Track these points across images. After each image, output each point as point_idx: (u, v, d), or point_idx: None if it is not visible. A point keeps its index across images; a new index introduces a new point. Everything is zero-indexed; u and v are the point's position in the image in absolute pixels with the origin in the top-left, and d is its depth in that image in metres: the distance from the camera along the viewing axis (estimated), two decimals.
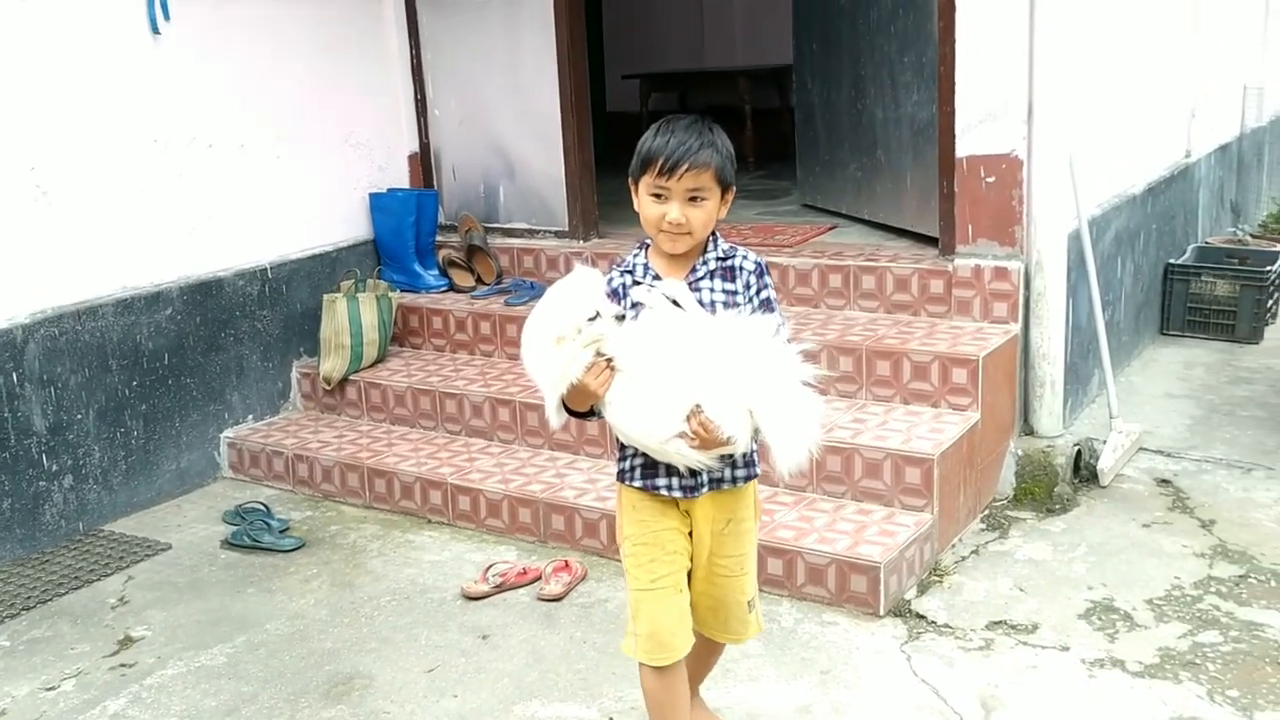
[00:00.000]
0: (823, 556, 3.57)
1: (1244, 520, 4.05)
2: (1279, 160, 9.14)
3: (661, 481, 2.49)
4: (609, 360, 2.32)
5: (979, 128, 4.28)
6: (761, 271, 2.49)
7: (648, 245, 2.50)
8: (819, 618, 3.53)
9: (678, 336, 2.32)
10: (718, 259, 2.47)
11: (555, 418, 2.42)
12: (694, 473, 2.45)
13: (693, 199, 2.36)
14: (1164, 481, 4.39)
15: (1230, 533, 3.96)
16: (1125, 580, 3.69)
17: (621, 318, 2.33)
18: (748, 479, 2.55)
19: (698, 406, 2.29)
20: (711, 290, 2.44)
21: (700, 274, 2.45)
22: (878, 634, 3.43)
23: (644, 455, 2.45)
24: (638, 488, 2.51)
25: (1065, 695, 3.09)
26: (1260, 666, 3.18)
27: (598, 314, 2.29)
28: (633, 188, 2.44)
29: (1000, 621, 3.48)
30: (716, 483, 2.50)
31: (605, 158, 5.75)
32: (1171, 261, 6.30)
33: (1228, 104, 7.53)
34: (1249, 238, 7.19)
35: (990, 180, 4.29)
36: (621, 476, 2.55)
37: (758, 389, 2.30)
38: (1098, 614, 3.49)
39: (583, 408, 2.40)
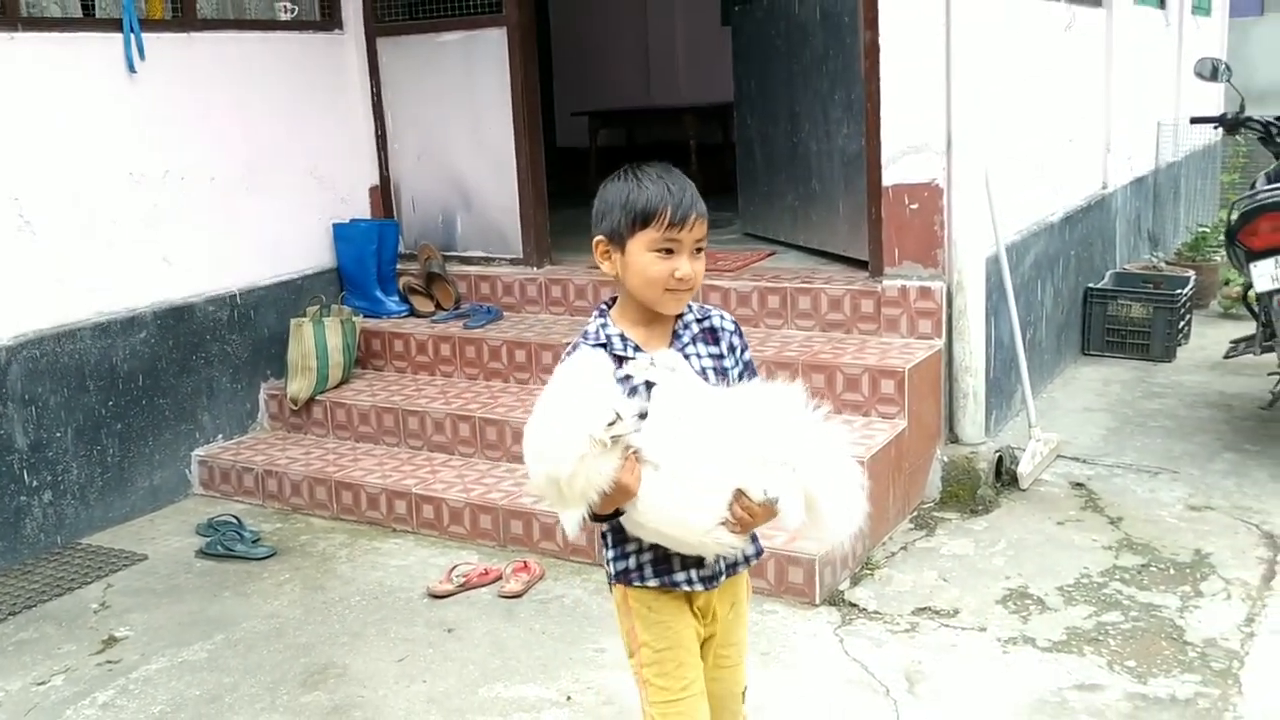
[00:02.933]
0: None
1: (1149, 517, 4.41)
2: (1196, 192, 9.65)
3: (680, 576, 2.20)
4: (635, 452, 2.03)
5: (903, 159, 4.65)
6: (739, 330, 2.28)
7: (606, 309, 2.25)
8: (760, 607, 3.83)
9: (704, 415, 2.07)
10: (696, 320, 2.23)
11: (574, 528, 2.07)
12: (702, 560, 2.20)
13: (697, 250, 2.15)
14: (1078, 485, 4.75)
15: (1136, 528, 4.32)
16: (1039, 571, 4.02)
17: (644, 415, 2.03)
18: (758, 555, 2.30)
19: (739, 490, 2.04)
20: (699, 357, 2.19)
21: (685, 340, 2.20)
22: (813, 620, 3.74)
23: (653, 549, 2.18)
24: (653, 587, 2.21)
25: (981, 668, 3.42)
26: (1156, 641, 3.52)
27: (618, 417, 1.98)
28: (608, 248, 2.17)
29: (925, 608, 3.80)
30: (732, 567, 2.25)
31: (556, 191, 6.07)
32: (1091, 285, 6.71)
33: (1143, 140, 8.01)
34: (1164, 264, 7.63)
35: (914, 207, 4.66)
36: (625, 577, 2.23)
37: (809, 461, 2.08)
38: (1013, 600, 3.82)
39: (609, 510, 2.07)
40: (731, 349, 2.24)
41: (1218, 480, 4.73)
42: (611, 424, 1.96)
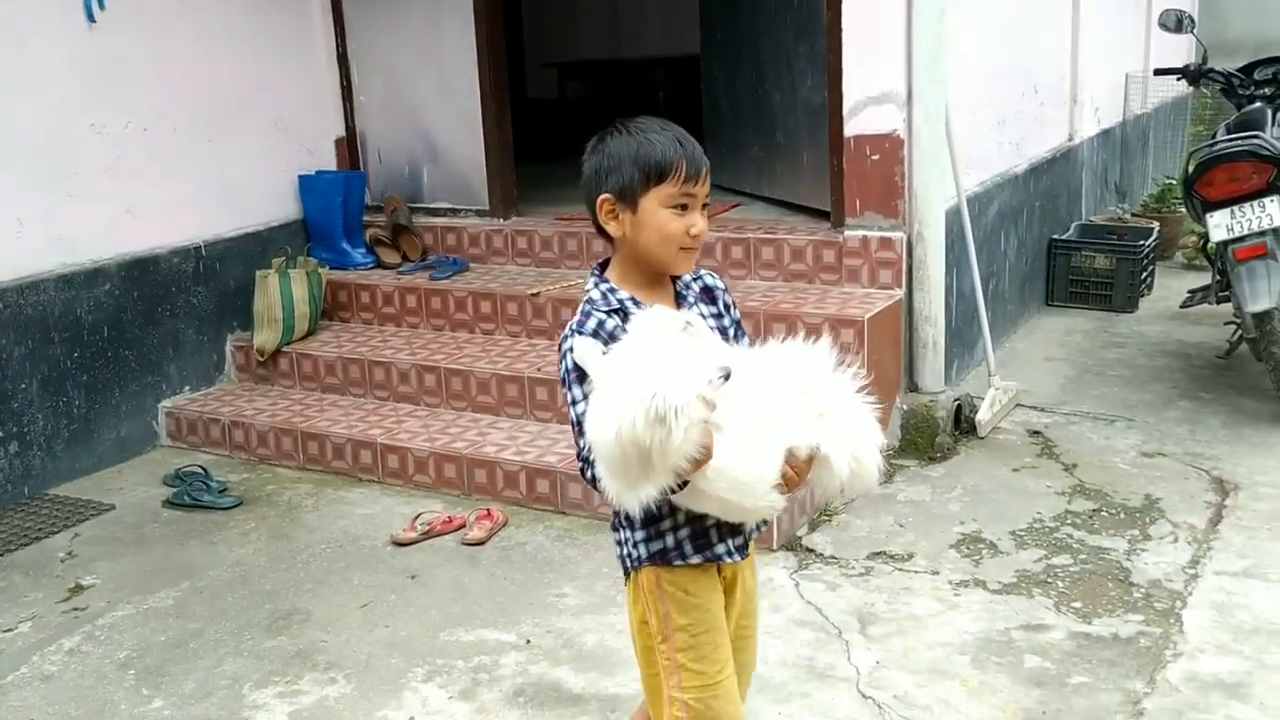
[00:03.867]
0: None
1: (1102, 464, 4.50)
2: (1165, 144, 9.69)
3: (721, 548, 2.14)
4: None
5: (864, 110, 4.68)
6: (727, 288, 2.25)
7: (601, 273, 2.14)
8: None
9: (750, 375, 1.98)
10: (694, 279, 2.19)
11: (640, 506, 1.91)
12: (738, 529, 2.16)
13: (705, 206, 2.09)
14: (1035, 432, 4.83)
15: (1089, 474, 4.40)
16: (994, 516, 4.10)
17: (728, 375, 1.89)
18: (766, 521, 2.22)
19: (788, 449, 2.00)
20: (704, 318, 2.08)
21: (690, 301, 2.15)
22: (771, 565, 3.81)
23: (690, 524, 2.10)
24: (695, 564, 2.12)
25: (931, 610, 3.49)
26: (1103, 583, 3.61)
27: (724, 373, 1.88)
28: (615, 207, 2.06)
29: (880, 552, 3.87)
30: (753, 532, 2.21)
31: (525, 143, 6.07)
32: (1055, 237, 6.77)
33: (1111, 92, 8.04)
34: (1129, 216, 7.70)
35: (875, 158, 4.69)
36: (662, 558, 2.11)
37: (846, 415, 2.06)
38: (967, 544, 3.90)
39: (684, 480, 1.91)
40: (726, 307, 2.21)
41: (1171, 427, 4.81)
42: (718, 380, 1.86)
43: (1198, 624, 3.34)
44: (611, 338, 2.00)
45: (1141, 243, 6.68)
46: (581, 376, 1.99)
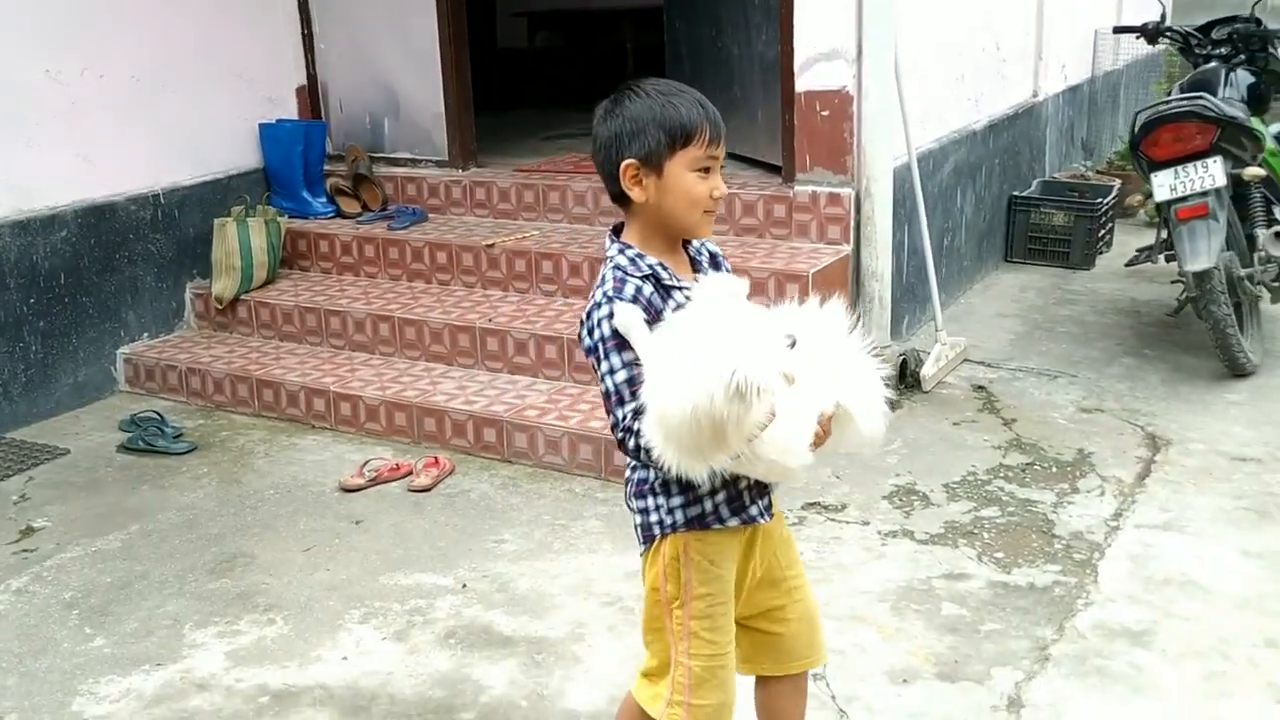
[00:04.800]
0: None
1: (1041, 419, 4.59)
2: (1136, 101, 9.70)
3: (754, 510, 2.14)
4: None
5: (815, 66, 4.71)
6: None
7: (620, 239, 2.11)
8: None
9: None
10: (702, 245, 2.20)
11: (706, 475, 1.91)
12: (765, 489, 2.17)
13: (722, 167, 2.11)
14: (980, 388, 4.91)
15: (1027, 429, 4.49)
16: (929, 469, 4.19)
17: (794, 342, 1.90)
18: None
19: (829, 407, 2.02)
20: None
21: (705, 266, 2.17)
22: None
23: (726, 488, 2.09)
24: (733, 527, 2.12)
25: (859, 558, 3.59)
26: (1027, 535, 3.71)
27: (794, 342, 1.89)
28: (639, 172, 2.03)
29: (815, 503, 3.96)
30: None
31: (494, 92, 6.07)
32: (1015, 194, 6.82)
33: (1080, 48, 8.06)
34: (1093, 173, 7.75)
35: (825, 114, 4.73)
36: (699, 523, 2.10)
37: (866, 372, 2.10)
38: (900, 496, 3.99)
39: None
40: (727, 273, 2.19)
41: (1112, 384, 4.90)
42: (793, 346, 1.87)
43: (1112, 574, 3.44)
44: (649, 304, 1.99)
45: (1099, 200, 6.73)
46: (620, 344, 1.97)
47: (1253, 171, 4.73)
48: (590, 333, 2.02)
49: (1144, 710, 2.83)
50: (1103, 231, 6.80)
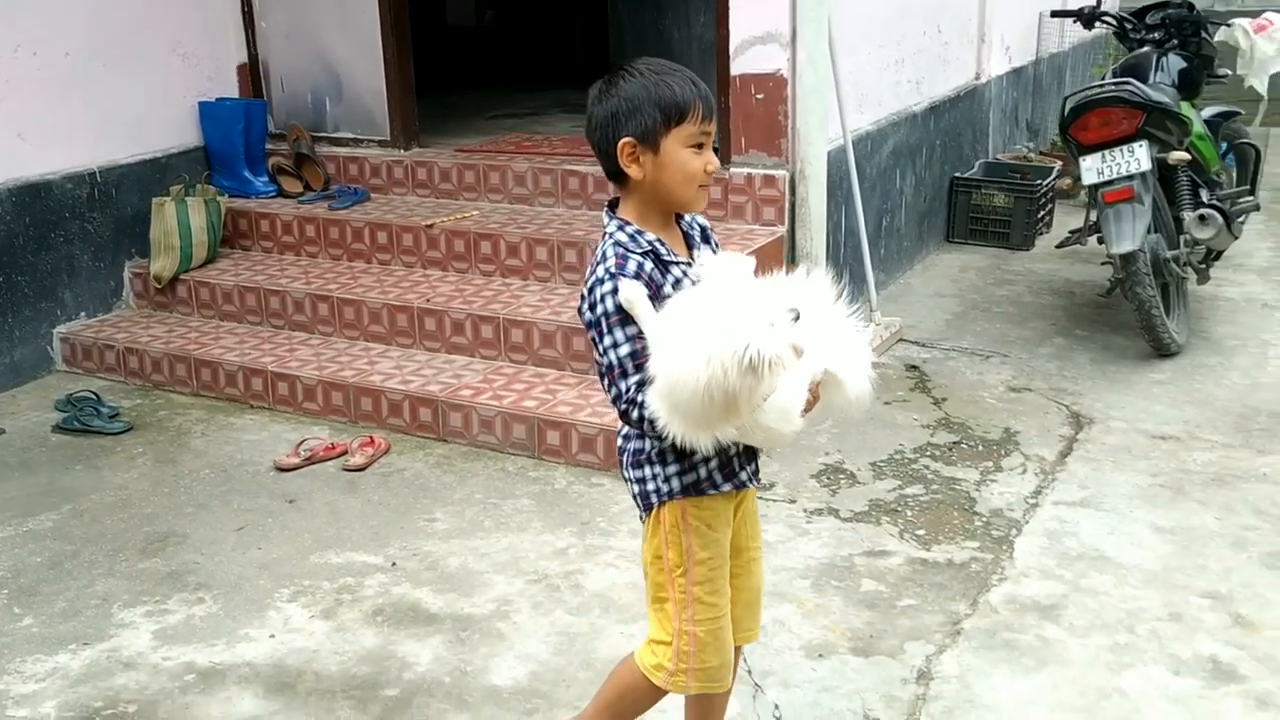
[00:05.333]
0: (593, 428, 4.07)
1: (971, 398, 4.67)
2: (1081, 82, 9.81)
3: (743, 475, 2.23)
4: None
5: (750, 49, 4.76)
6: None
7: (614, 208, 2.17)
8: (589, 480, 4.04)
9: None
10: (693, 219, 2.25)
11: (711, 443, 2.01)
12: (753, 455, 2.26)
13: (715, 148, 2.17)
14: (913, 367, 4.99)
15: (956, 408, 4.58)
16: (858, 447, 4.26)
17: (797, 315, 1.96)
18: None
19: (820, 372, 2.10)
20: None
21: (697, 240, 2.23)
22: None
23: (719, 454, 2.15)
24: (726, 491, 2.21)
25: (784, 536, 3.66)
26: (949, 512, 3.79)
27: (797, 315, 1.95)
28: (636, 149, 2.07)
29: None
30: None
31: (442, 71, 6.06)
32: (957, 175, 6.90)
33: (1025, 31, 8.14)
34: (1036, 155, 7.84)
35: (760, 97, 4.78)
36: (695, 489, 2.18)
37: (853, 338, 2.20)
38: (827, 474, 4.07)
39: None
40: (715, 246, 2.26)
41: (1042, 363, 4.99)
42: (796, 320, 1.93)
43: (1027, 550, 3.53)
44: (650, 280, 2.05)
45: (1039, 182, 6.82)
46: (623, 319, 2.04)
47: (1177, 156, 4.82)
48: (592, 308, 2.08)
49: (1048, 681, 2.92)
50: (1042, 212, 6.89)
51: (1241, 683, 2.88)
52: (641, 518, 2.28)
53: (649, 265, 2.07)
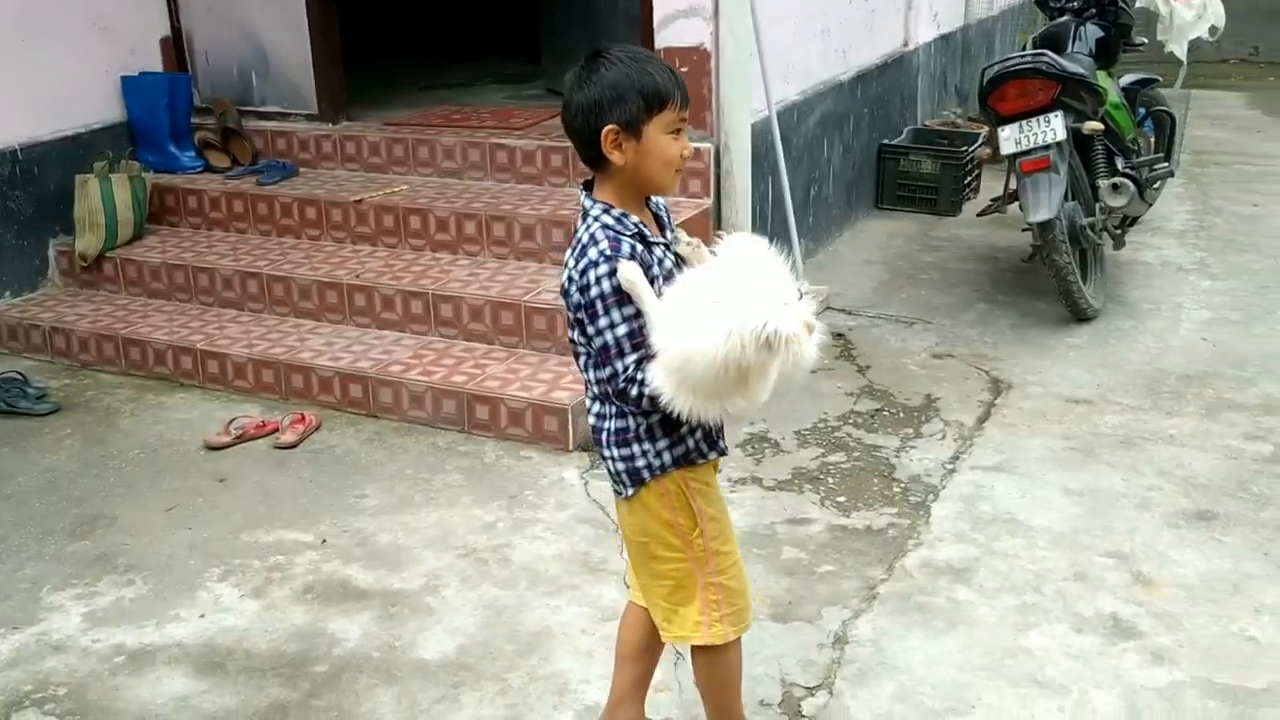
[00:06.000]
0: (521, 401, 4.13)
1: (894, 365, 4.78)
2: (1011, 47, 9.94)
3: (722, 444, 2.37)
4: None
5: (674, 23, 4.79)
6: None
7: (588, 191, 2.25)
8: (517, 454, 4.10)
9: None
10: (658, 201, 2.33)
11: (718, 416, 2.13)
12: (722, 428, 2.36)
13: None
14: (839, 335, 5.08)
15: (879, 376, 4.68)
16: (784, 417, 4.35)
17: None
18: None
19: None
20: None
21: (665, 220, 2.32)
22: (565, 465, 4.02)
23: (701, 427, 2.26)
24: (713, 458, 2.35)
25: None
26: (869, 479, 3.89)
27: (801, 293, 2.04)
28: (619, 137, 2.13)
29: None
30: None
31: (366, 40, 6.00)
32: (885, 142, 6.99)
33: None
34: (964, 120, 7.95)
35: (684, 70, 4.81)
36: (686, 460, 2.29)
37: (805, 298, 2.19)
38: (753, 444, 4.15)
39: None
40: (671, 225, 2.33)
41: (964, 329, 5.11)
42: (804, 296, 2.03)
43: (943, 515, 3.64)
44: (642, 261, 2.12)
45: (965, 148, 6.93)
46: (620, 300, 2.11)
47: (1091, 125, 4.93)
48: (584, 290, 2.14)
49: (957, 642, 3.03)
50: (969, 178, 7.01)
51: (1139, 639, 3.01)
52: (621, 495, 2.34)
53: (639, 247, 2.15)
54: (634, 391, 2.13)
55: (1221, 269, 5.75)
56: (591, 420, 2.33)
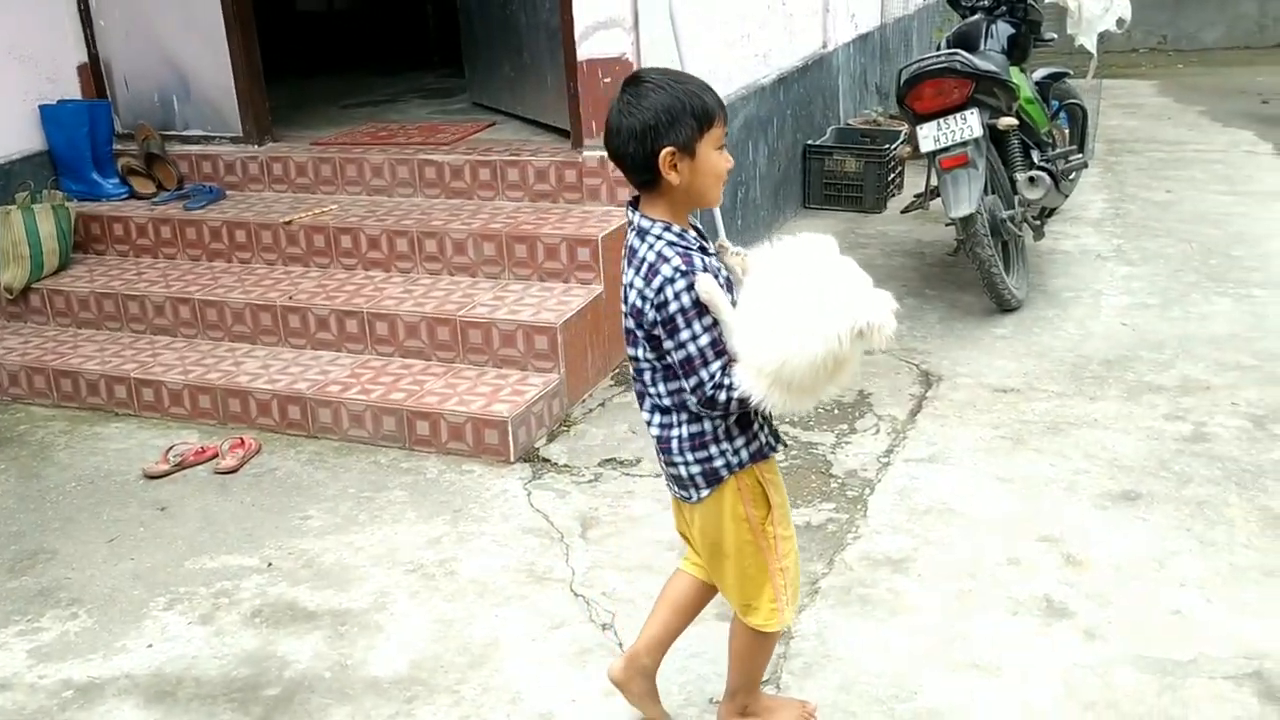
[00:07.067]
0: (461, 416, 4.16)
1: None
2: (928, 44, 10.13)
3: (777, 439, 2.51)
4: None
5: (595, 34, 4.85)
6: None
7: (634, 206, 2.35)
8: (460, 468, 4.12)
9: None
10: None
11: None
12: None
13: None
14: None
15: None
16: None
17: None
18: None
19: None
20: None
21: (702, 230, 2.43)
22: (507, 477, 4.06)
23: (767, 422, 2.45)
24: (780, 449, 2.52)
25: (650, 510, 3.79)
26: (807, 476, 3.97)
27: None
28: (677, 157, 2.23)
29: (611, 459, 4.15)
30: None
31: (293, 58, 5.99)
32: (809, 143, 7.10)
33: None
34: (885, 118, 8.10)
35: (607, 80, 4.88)
36: (760, 454, 2.45)
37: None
38: None
39: None
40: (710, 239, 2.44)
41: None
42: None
43: (880, 508, 3.73)
44: (717, 273, 2.26)
45: (887, 145, 7.06)
46: (700, 312, 2.22)
47: (1006, 121, 5.06)
48: (663, 305, 2.24)
49: (899, 631, 3.11)
50: (893, 175, 7.14)
51: (1071, 618, 3.11)
52: (692, 499, 2.46)
53: (707, 259, 2.28)
54: (722, 396, 2.25)
55: (1138, 255, 5.93)
56: (655, 432, 2.45)
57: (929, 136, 5.01)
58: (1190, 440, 4.03)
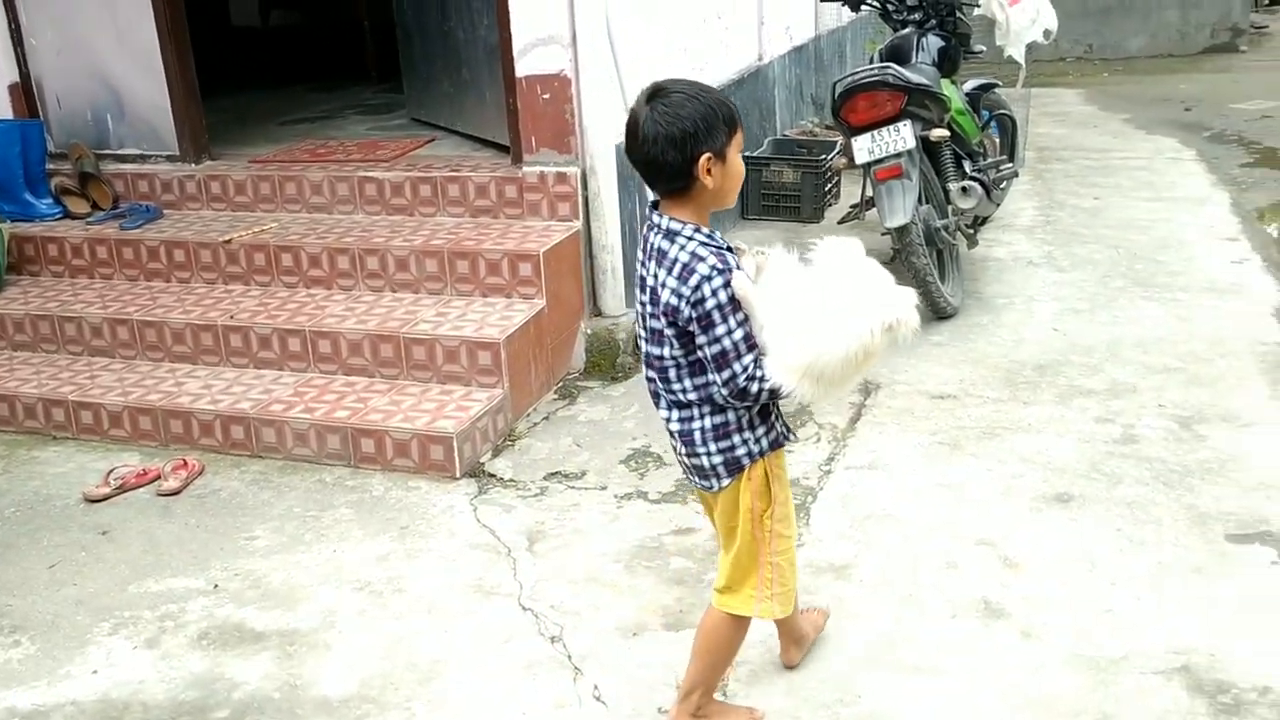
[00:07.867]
0: (406, 432, 4.17)
1: None
2: (863, 55, 10.27)
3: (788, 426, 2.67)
4: None
5: (533, 51, 4.88)
6: None
7: (658, 209, 2.47)
8: (405, 485, 4.14)
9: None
10: None
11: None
12: None
13: None
14: None
15: None
16: (663, 430, 4.45)
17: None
18: None
19: None
20: None
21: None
22: (453, 493, 4.07)
23: (783, 413, 2.62)
24: (792, 441, 2.66)
25: (595, 522, 3.84)
26: None
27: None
28: (712, 162, 2.36)
29: (556, 472, 4.19)
30: None
31: (229, 73, 5.95)
32: (747, 154, 7.16)
33: (803, 11, 8.48)
34: (821, 128, 8.21)
35: (546, 97, 4.92)
36: (777, 444, 2.60)
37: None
38: (635, 459, 4.26)
39: None
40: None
41: None
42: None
43: (822, 515, 3.79)
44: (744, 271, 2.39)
45: (824, 156, 7.16)
46: (735, 307, 2.36)
47: (938, 133, 5.17)
48: (700, 303, 2.35)
49: (842, 636, 3.17)
50: (830, 185, 7.24)
51: (1009, 619, 3.20)
52: (714, 488, 2.60)
53: (738, 261, 2.42)
54: (755, 388, 2.38)
55: (1068, 261, 6.07)
56: (675, 427, 2.59)
57: (864, 148, 5.10)
58: (1120, 442, 4.14)
